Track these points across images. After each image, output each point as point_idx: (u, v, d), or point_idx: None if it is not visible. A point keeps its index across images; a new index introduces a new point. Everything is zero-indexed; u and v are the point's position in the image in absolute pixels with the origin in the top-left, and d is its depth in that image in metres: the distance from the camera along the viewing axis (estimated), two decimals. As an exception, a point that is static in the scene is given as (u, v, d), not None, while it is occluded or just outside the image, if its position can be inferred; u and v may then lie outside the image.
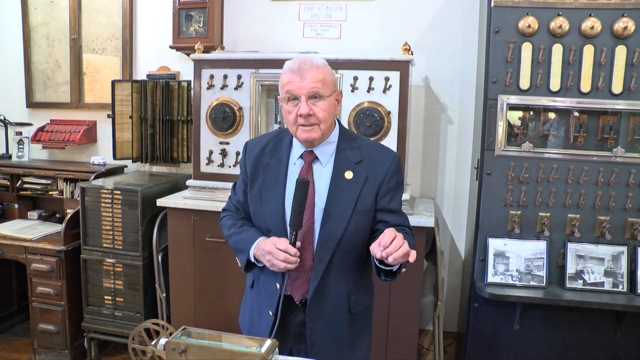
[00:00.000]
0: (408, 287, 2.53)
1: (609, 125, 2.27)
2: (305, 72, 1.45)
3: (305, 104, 1.44)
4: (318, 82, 1.45)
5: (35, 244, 2.93)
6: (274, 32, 3.23)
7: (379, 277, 1.48)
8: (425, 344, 3.16)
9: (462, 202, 3.14)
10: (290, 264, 1.42)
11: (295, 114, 1.46)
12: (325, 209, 1.50)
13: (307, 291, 1.53)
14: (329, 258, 1.50)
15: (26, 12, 3.53)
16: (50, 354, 3.01)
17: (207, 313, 2.79)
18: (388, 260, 1.29)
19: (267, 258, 1.44)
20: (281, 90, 1.50)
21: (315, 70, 1.45)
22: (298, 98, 1.45)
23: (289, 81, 1.46)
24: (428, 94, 3.10)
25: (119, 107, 3.21)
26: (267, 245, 1.45)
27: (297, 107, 1.46)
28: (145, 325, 1.36)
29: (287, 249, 1.41)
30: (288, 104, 1.48)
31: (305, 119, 1.45)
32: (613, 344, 2.33)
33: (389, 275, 1.45)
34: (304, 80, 1.44)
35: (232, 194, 1.71)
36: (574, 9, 2.22)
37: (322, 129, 1.49)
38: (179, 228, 2.76)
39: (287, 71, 1.48)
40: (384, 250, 1.29)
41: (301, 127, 1.48)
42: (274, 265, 1.43)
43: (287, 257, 1.41)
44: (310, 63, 1.46)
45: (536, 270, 2.31)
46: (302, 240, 1.48)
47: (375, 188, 1.53)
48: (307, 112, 1.44)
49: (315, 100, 1.46)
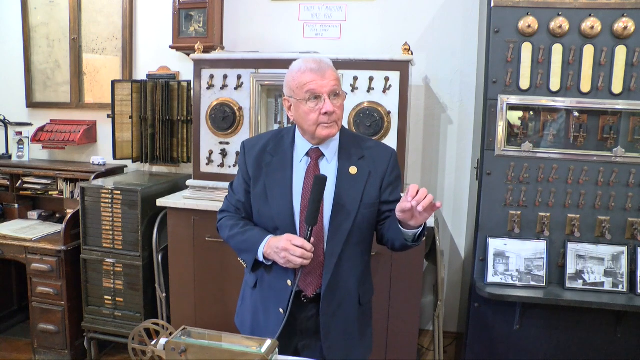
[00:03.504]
0: (408, 287, 2.53)
1: (609, 125, 2.27)
2: (325, 71, 1.50)
3: (329, 101, 1.49)
4: (336, 80, 1.53)
5: (35, 244, 2.93)
6: (274, 32, 3.23)
7: (406, 244, 1.51)
8: (425, 344, 3.16)
9: (462, 202, 3.14)
10: (305, 260, 1.45)
11: (319, 113, 1.50)
12: (334, 204, 1.54)
13: (319, 286, 1.57)
14: (340, 252, 1.55)
15: (26, 12, 3.53)
16: (50, 354, 3.01)
17: (207, 313, 2.79)
18: (417, 208, 1.32)
19: (283, 255, 1.46)
20: (298, 91, 1.51)
21: (331, 69, 1.53)
22: (320, 97, 1.49)
23: (311, 80, 1.49)
24: (428, 94, 3.10)
25: (119, 107, 3.21)
26: (282, 242, 1.47)
27: (318, 105, 1.49)
28: (145, 325, 1.36)
29: (303, 245, 1.44)
30: (308, 104, 1.51)
31: (329, 117, 1.50)
32: (613, 344, 2.33)
33: (414, 241, 1.49)
34: (325, 79, 1.50)
35: (231, 194, 1.70)
36: (574, 9, 2.22)
37: (339, 125, 1.56)
38: (179, 228, 2.76)
39: (306, 71, 1.51)
40: (413, 199, 1.32)
41: (323, 125, 1.51)
42: (289, 261, 1.46)
43: (304, 253, 1.44)
44: (326, 63, 1.53)
45: (536, 270, 2.31)
46: (314, 236, 1.50)
47: (379, 182, 1.60)
48: (333, 110, 1.50)
49: (335, 99, 1.52)
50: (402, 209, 1.37)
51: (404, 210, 1.37)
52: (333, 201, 1.54)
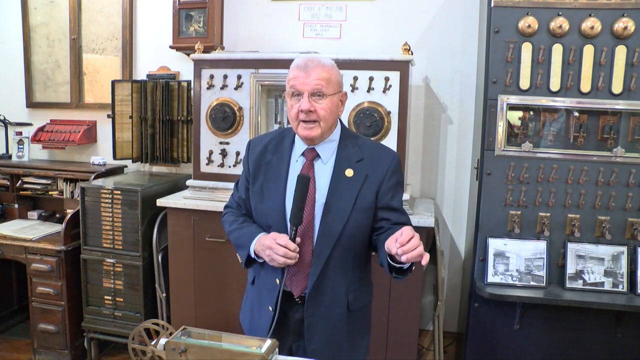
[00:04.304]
0: (408, 287, 2.53)
1: (609, 125, 2.27)
2: (311, 69, 1.49)
3: (307, 100, 1.48)
4: (322, 80, 1.49)
5: (35, 244, 2.93)
6: (274, 32, 3.23)
7: (389, 274, 1.48)
8: (425, 344, 3.16)
9: (462, 202, 3.14)
10: (289, 259, 1.44)
11: (297, 110, 1.49)
12: (326, 205, 1.52)
13: (306, 287, 1.54)
14: (328, 254, 1.52)
15: (26, 12, 3.53)
16: (50, 354, 3.01)
17: (207, 313, 2.79)
18: (401, 258, 1.29)
19: (267, 253, 1.47)
20: (287, 85, 1.54)
21: (320, 68, 1.49)
22: (301, 94, 1.49)
23: (294, 76, 1.50)
24: (428, 94, 3.10)
25: (119, 107, 3.21)
26: (267, 241, 1.47)
27: (299, 102, 1.49)
28: (145, 325, 1.36)
29: (287, 244, 1.43)
30: (292, 99, 1.52)
31: (306, 115, 1.49)
32: (613, 344, 2.33)
33: (400, 273, 1.46)
34: (308, 77, 1.48)
35: (235, 190, 1.74)
36: (574, 9, 2.22)
37: (323, 127, 1.52)
38: (179, 228, 2.76)
39: (294, 67, 1.52)
40: (401, 247, 1.29)
41: (302, 124, 1.51)
42: (273, 260, 1.46)
43: (287, 253, 1.43)
44: (317, 62, 1.51)
45: (536, 270, 2.31)
46: (302, 236, 1.50)
47: (376, 186, 1.56)
48: (308, 108, 1.48)
49: (318, 98, 1.49)
50: (388, 248, 1.34)
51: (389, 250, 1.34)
52: (324, 203, 1.52)
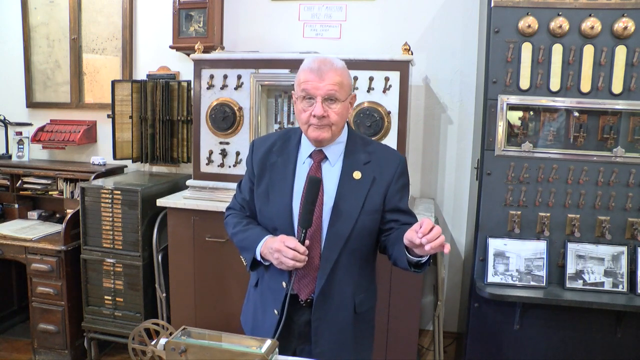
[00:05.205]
0: (408, 287, 2.53)
1: (609, 125, 2.27)
2: (325, 73, 1.44)
3: (320, 105, 1.44)
4: (336, 85, 1.45)
5: (35, 244, 2.93)
6: (274, 32, 3.23)
7: (408, 269, 1.45)
8: (425, 344, 3.16)
9: (462, 202, 3.14)
10: (298, 262, 1.42)
11: (309, 114, 1.46)
12: (334, 208, 1.50)
13: (313, 290, 1.53)
14: (336, 257, 1.51)
15: (26, 12, 3.53)
16: (50, 354, 3.01)
17: (207, 313, 2.79)
18: (425, 247, 1.27)
19: (276, 256, 1.44)
20: (297, 88, 1.50)
21: (334, 72, 1.45)
22: (314, 98, 1.45)
23: (306, 80, 1.46)
24: (428, 94, 3.10)
25: (119, 107, 3.21)
26: (275, 243, 1.45)
27: (311, 106, 1.46)
28: (145, 325, 1.36)
29: (296, 247, 1.41)
30: (303, 102, 1.48)
31: (319, 120, 1.46)
32: (613, 344, 2.33)
33: (417, 267, 1.44)
34: (322, 82, 1.44)
35: (238, 192, 1.71)
36: (574, 9, 2.22)
37: (334, 131, 1.50)
38: (179, 228, 2.76)
39: (305, 69, 1.47)
40: (424, 236, 1.27)
41: (313, 126, 1.48)
42: (281, 263, 1.43)
43: (296, 255, 1.41)
44: (330, 64, 1.46)
45: (536, 270, 2.31)
46: (310, 239, 1.48)
47: (383, 189, 1.54)
48: (322, 114, 1.45)
49: (331, 103, 1.46)
50: (410, 239, 1.32)
51: (411, 241, 1.32)
52: (333, 205, 1.50)
